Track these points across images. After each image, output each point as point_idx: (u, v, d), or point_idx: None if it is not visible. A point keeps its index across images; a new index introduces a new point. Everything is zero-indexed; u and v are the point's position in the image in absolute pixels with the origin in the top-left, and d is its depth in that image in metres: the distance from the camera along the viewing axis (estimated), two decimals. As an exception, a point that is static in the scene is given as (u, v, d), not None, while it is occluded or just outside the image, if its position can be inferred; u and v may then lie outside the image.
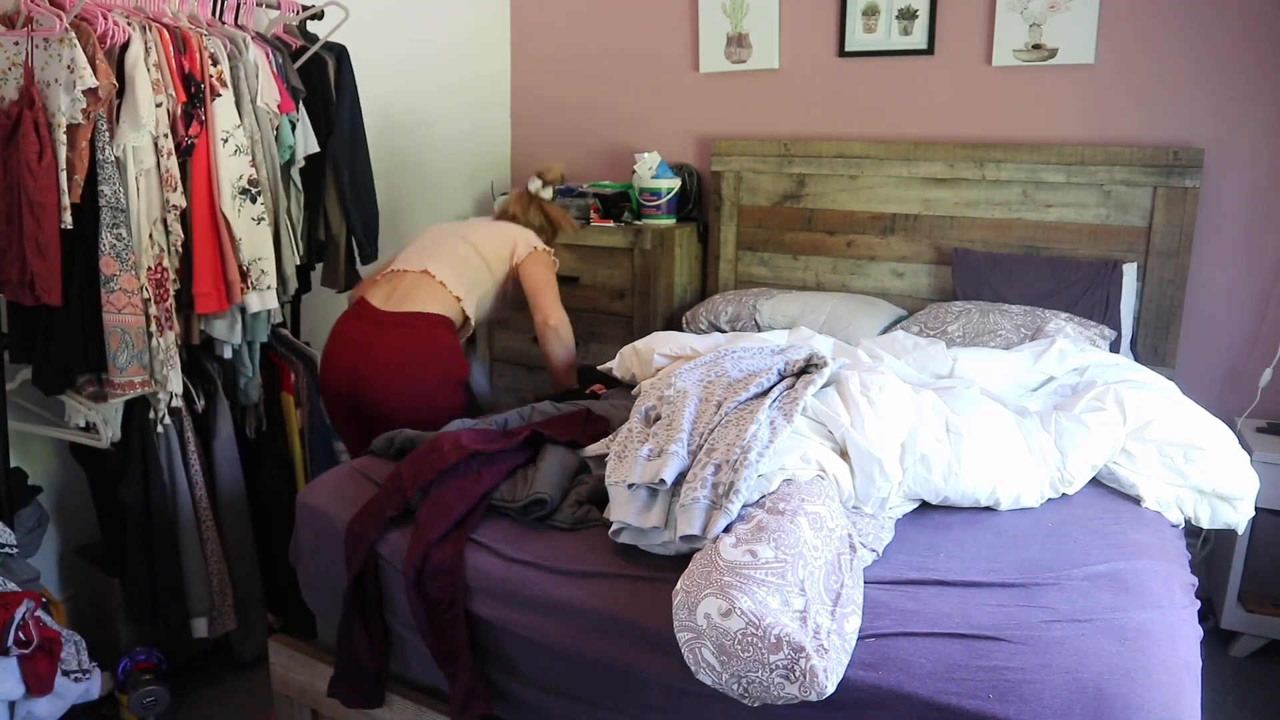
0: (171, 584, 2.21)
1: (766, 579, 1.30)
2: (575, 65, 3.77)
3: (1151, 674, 1.24)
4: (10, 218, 1.90)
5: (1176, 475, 1.84)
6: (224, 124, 2.15)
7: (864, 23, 3.16)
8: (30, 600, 1.83)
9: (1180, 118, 2.78)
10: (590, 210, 3.35)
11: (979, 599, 1.42)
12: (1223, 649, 2.59)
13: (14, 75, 1.89)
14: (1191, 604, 1.50)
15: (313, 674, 1.87)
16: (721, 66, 3.45)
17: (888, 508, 1.69)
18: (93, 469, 2.32)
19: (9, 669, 1.75)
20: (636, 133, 3.68)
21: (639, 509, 1.55)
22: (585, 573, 1.54)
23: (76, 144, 1.90)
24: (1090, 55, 2.85)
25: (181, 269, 2.13)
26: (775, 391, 1.77)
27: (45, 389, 2.07)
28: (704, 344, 2.30)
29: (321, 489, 1.88)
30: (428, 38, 3.47)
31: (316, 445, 2.54)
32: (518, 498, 1.72)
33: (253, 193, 2.20)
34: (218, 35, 2.19)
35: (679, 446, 1.61)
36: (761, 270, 3.39)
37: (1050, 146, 2.86)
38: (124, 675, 2.19)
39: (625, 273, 3.23)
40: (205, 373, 2.32)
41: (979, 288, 2.89)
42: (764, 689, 1.23)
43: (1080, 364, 2.18)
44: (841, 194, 3.20)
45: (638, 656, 1.43)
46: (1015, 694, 1.22)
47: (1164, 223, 2.74)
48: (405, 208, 3.40)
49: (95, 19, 1.93)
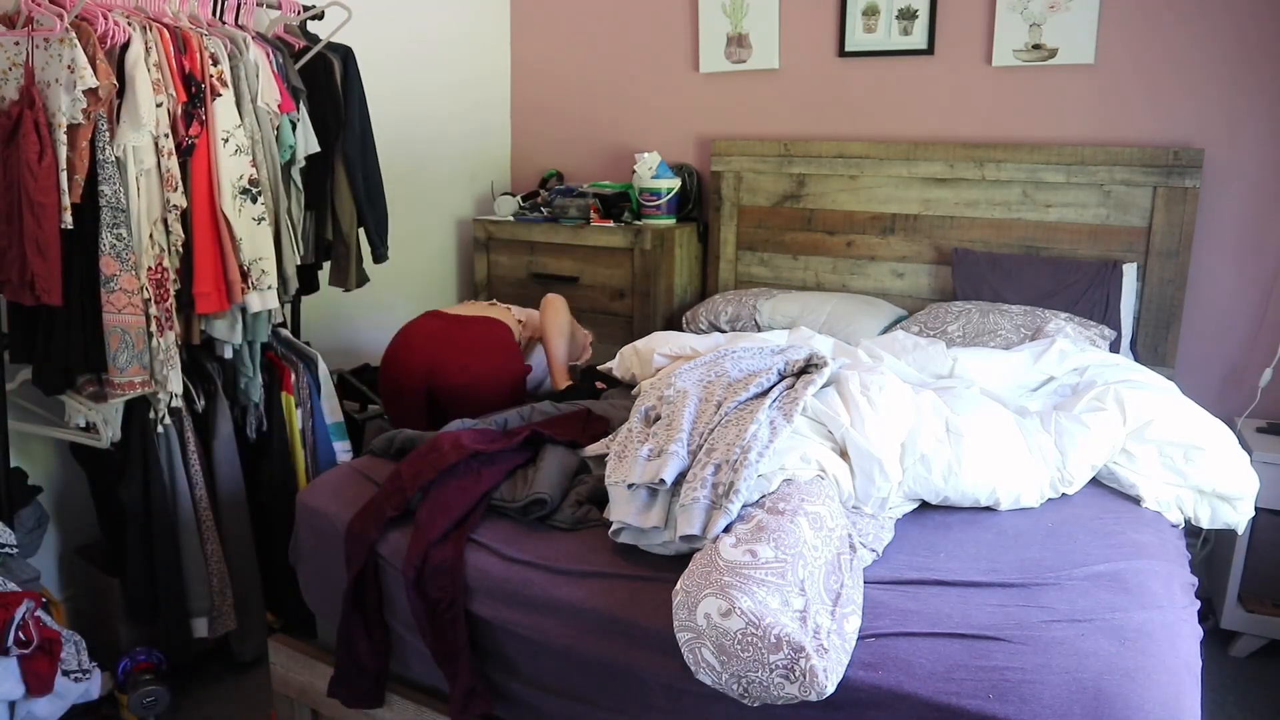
0: (171, 584, 2.21)
1: (766, 579, 1.30)
2: (575, 65, 3.77)
3: (1151, 674, 1.24)
4: (10, 218, 1.90)
5: (1176, 475, 1.84)
6: (224, 124, 2.15)
7: (864, 23, 3.16)
8: (30, 600, 1.83)
9: (1180, 118, 2.78)
10: (590, 210, 3.35)
11: (979, 599, 1.42)
12: (1223, 649, 2.59)
13: (14, 75, 1.89)
14: (1191, 604, 1.51)
15: (313, 674, 1.87)
16: (721, 66, 3.45)
17: (888, 508, 1.69)
18: (93, 469, 2.32)
19: (9, 669, 1.75)
20: (636, 133, 3.68)
21: (639, 509, 1.55)
22: (585, 573, 1.54)
23: (77, 144, 1.90)
24: (1090, 55, 2.85)
25: (182, 269, 2.13)
26: (775, 391, 1.77)
27: (45, 389, 2.07)
28: (704, 344, 2.30)
29: (321, 489, 1.89)
30: (428, 38, 3.47)
31: (317, 445, 2.55)
32: (518, 498, 1.72)
33: (253, 193, 2.20)
34: (218, 35, 2.19)
35: (679, 446, 1.61)
36: (761, 270, 3.39)
37: (1050, 146, 2.87)
38: (124, 675, 2.19)
39: (625, 273, 3.23)
40: (205, 373, 2.32)
41: (979, 288, 2.89)
42: (764, 689, 1.23)
43: (1080, 364, 2.18)
44: (841, 194, 3.20)
45: (638, 656, 1.43)
46: (1015, 694, 1.22)
47: (1164, 223, 2.74)
48: (405, 208, 3.40)
49: (95, 19, 1.93)
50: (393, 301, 3.42)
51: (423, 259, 3.60)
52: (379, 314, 3.37)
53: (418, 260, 3.57)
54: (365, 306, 3.29)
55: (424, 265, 3.61)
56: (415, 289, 3.54)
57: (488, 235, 3.49)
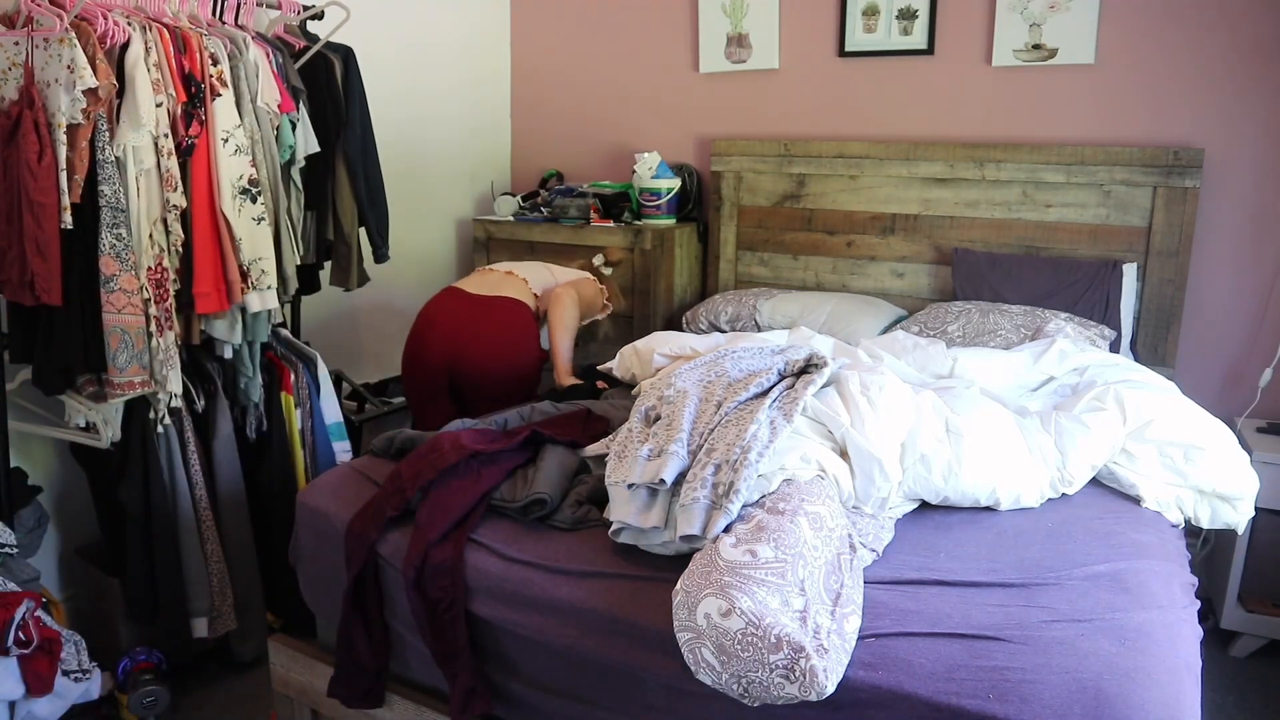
0: (171, 584, 2.21)
1: (766, 579, 1.30)
2: (575, 65, 3.77)
3: (1151, 674, 1.24)
4: (10, 218, 1.90)
5: (1176, 475, 1.84)
6: (224, 124, 2.15)
7: (864, 23, 3.16)
8: (30, 600, 1.83)
9: (1180, 118, 2.78)
10: (590, 210, 3.35)
11: (979, 599, 1.42)
12: (1223, 649, 2.59)
13: (14, 75, 1.89)
14: (1191, 604, 1.51)
15: (313, 674, 1.87)
16: (721, 66, 3.45)
17: (888, 508, 1.69)
18: (93, 469, 2.32)
19: (9, 669, 1.75)
20: (636, 133, 3.68)
21: (639, 509, 1.55)
22: (585, 573, 1.54)
23: (76, 144, 1.90)
24: (1090, 55, 2.85)
25: (182, 269, 2.13)
26: (775, 391, 1.77)
27: (45, 389, 2.07)
28: (704, 344, 2.30)
29: (321, 489, 1.88)
30: (428, 38, 3.47)
31: (316, 445, 2.55)
32: (518, 498, 1.72)
33: (253, 192, 2.20)
34: (218, 35, 2.19)
35: (679, 446, 1.61)
36: (761, 270, 3.39)
37: (1050, 146, 2.86)
38: (124, 675, 2.19)
39: (625, 273, 3.23)
40: (205, 373, 2.32)
41: (979, 288, 2.89)
42: (764, 689, 1.23)
43: (1080, 364, 2.18)
44: (841, 194, 3.20)
45: (638, 656, 1.43)
46: (1015, 694, 1.22)
47: (1164, 223, 2.74)
48: (406, 208, 3.40)
49: (95, 19, 1.93)
50: (392, 301, 3.42)
51: (423, 259, 3.60)
52: (379, 314, 3.37)
53: (418, 260, 3.57)
54: (365, 306, 3.29)
55: (424, 265, 3.61)
56: (415, 289, 3.54)
57: (488, 235, 3.49)
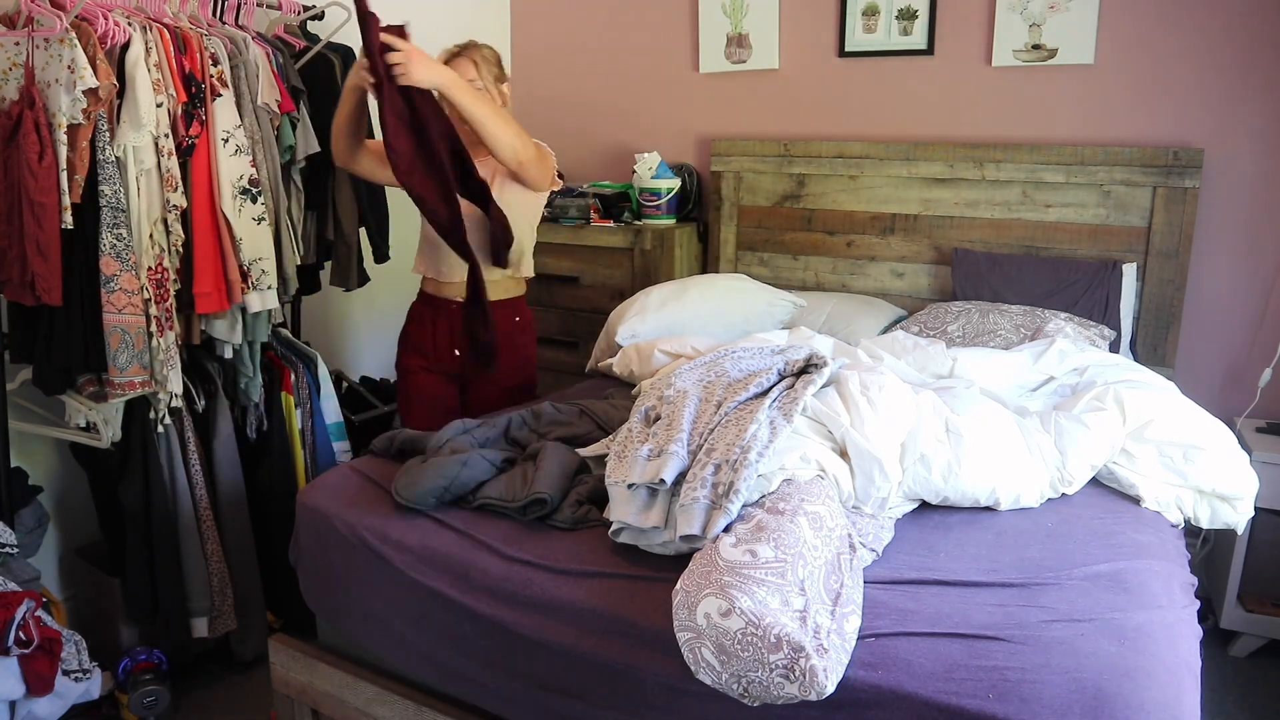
0: (171, 584, 2.21)
1: (766, 579, 1.30)
2: (575, 65, 3.77)
3: (1151, 674, 1.24)
4: (11, 218, 1.90)
5: (1176, 475, 1.84)
6: (224, 124, 2.15)
7: (864, 23, 3.16)
8: (30, 600, 1.83)
9: (1180, 118, 2.78)
10: (590, 210, 3.35)
11: (979, 599, 1.42)
12: (1223, 649, 2.59)
13: (14, 75, 1.89)
14: (1191, 604, 1.50)
15: (313, 674, 1.87)
16: (721, 66, 3.45)
17: (888, 508, 1.69)
18: (93, 469, 2.32)
19: (9, 669, 1.76)
20: (636, 133, 3.68)
21: (639, 509, 1.55)
22: (585, 573, 1.54)
23: (77, 144, 1.90)
24: (1090, 55, 2.85)
25: (182, 269, 2.13)
26: (775, 391, 1.77)
27: (45, 389, 2.07)
28: (704, 343, 2.30)
29: (321, 489, 1.88)
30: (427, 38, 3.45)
31: (316, 445, 2.55)
32: (518, 498, 1.72)
33: (253, 193, 2.20)
34: (218, 35, 2.19)
35: (679, 446, 1.61)
36: (761, 270, 3.39)
37: (1050, 146, 2.87)
38: (124, 675, 2.19)
39: (625, 273, 3.23)
40: (205, 373, 2.33)
41: (979, 288, 2.89)
42: (764, 689, 1.23)
43: (1080, 364, 2.18)
44: (841, 194, 3.20)
45: (638, 656, 1.43)
46: (1015, 694, 1.22)
47: (1164, 223, 2.74)
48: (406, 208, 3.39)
49: (95, 19, 1.93)
50: (392, 301, 3.41)
51: (423, 259, 3.60)
52: (379, 314, 3.37)
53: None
54: (365, 307, 3.29)
55: (424, 265, 3.60)
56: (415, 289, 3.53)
57: (488, 235, 3.49)
